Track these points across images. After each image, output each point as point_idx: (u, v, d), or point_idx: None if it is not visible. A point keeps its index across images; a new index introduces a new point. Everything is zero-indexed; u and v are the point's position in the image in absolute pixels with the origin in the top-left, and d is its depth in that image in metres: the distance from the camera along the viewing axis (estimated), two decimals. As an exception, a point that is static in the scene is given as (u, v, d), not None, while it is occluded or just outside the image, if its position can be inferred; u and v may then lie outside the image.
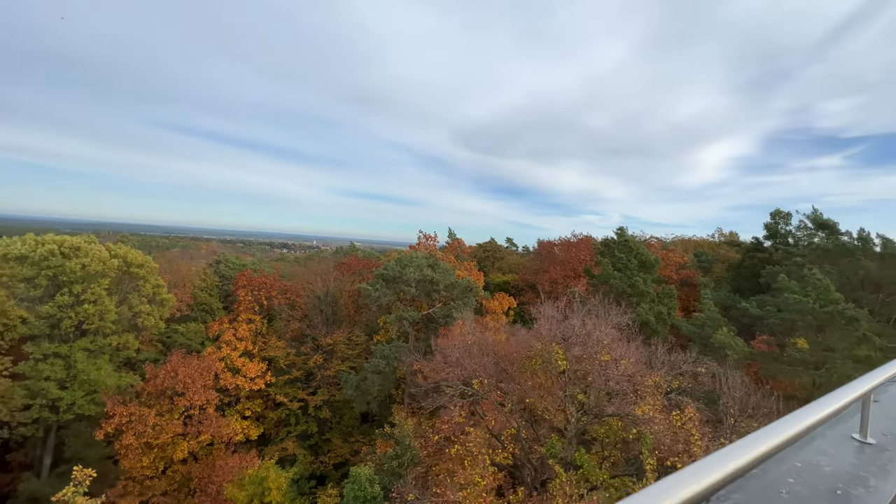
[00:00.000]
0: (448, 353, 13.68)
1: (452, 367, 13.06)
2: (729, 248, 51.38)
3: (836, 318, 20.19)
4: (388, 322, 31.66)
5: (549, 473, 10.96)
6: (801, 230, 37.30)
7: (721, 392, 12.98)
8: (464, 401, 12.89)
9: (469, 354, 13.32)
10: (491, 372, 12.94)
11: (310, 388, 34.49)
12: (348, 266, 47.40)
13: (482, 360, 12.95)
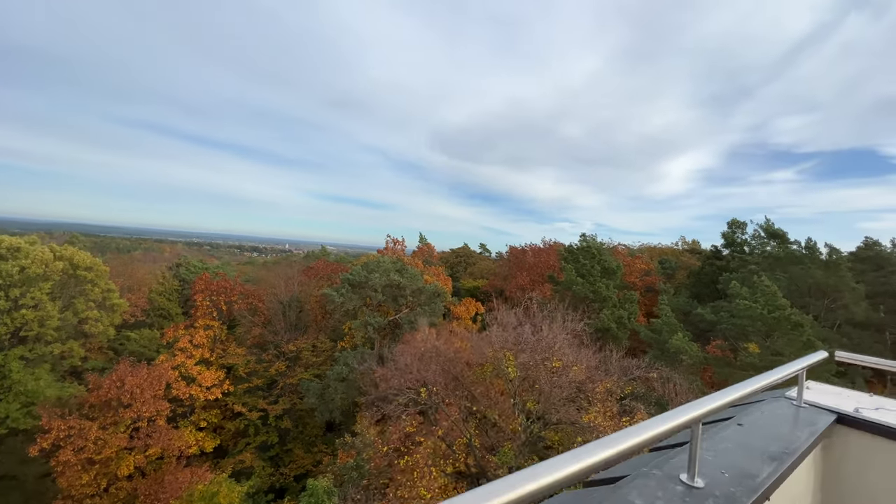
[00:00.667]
0: (399, 359, 13.33)
1: (402, 374, 12.70)
2: (690, 256, 53.25)
3: (782, 324, 21.01)
4: (353, 328, 30.98)
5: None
6: (755, 239, 38.97)
7: (670, 398, 13.17)
8: (414, 409, 12.57)
9: (421, 361, 13.01)
10: (442, 379, 12.67)
11: (271, 396, 33.28)
12: (316, 271, 46.35)
13: (434, 368, 12.66)
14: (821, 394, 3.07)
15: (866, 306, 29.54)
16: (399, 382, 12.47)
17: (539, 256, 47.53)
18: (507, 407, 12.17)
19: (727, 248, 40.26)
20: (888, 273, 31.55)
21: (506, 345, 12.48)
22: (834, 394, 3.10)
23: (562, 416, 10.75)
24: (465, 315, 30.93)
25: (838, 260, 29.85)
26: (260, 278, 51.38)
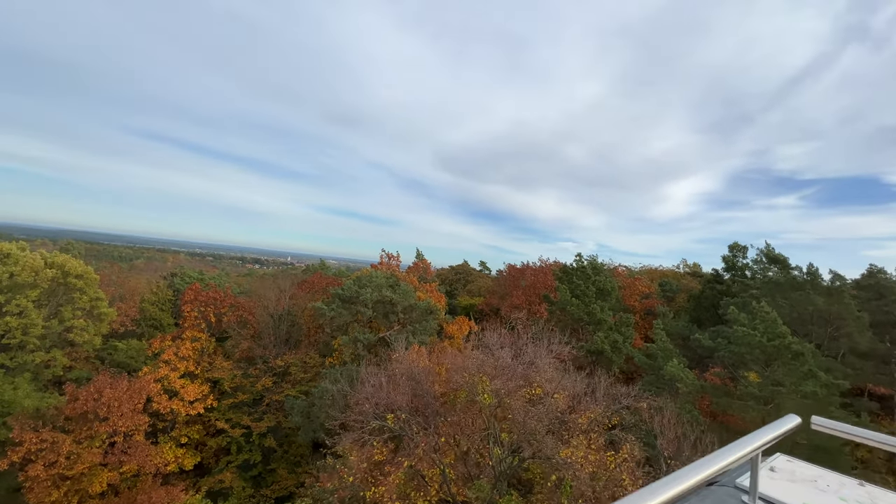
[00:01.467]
0: (367, 382, 12.62)
1: (371, 397, 12.01)
2: (691, 279, 52.42)
3: (782, 353, 20.21)
4: (341, 344, 30.26)
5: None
6: (756, 264, 38.19)
7: (657, 431, 12.42)
8: (381, 437, 11.83)
9: (393, 384, 12.34)
10: (414, 404, 12.00)
11: (256, 413, 32.37)
12: (311, 284, 45.95)
13: (406, 391, 11.99)
14: (787, 481, 2.30)
15: (870, 336, 28.59)
16: (368, 407, 11.78)
17: (537, 276, 46.91)
18: (481, 437, 11.43)
19: (728, 272, 39.47)
20: (890, 302, 30.66)
21: (483, 368, 11.81)
22: (806, 481, 2.32)
23: (537, 450, 10.01)
24: (458, 334, 30.22)
25: (841, 287, 29.06)
26: (254, 290, 50.99)
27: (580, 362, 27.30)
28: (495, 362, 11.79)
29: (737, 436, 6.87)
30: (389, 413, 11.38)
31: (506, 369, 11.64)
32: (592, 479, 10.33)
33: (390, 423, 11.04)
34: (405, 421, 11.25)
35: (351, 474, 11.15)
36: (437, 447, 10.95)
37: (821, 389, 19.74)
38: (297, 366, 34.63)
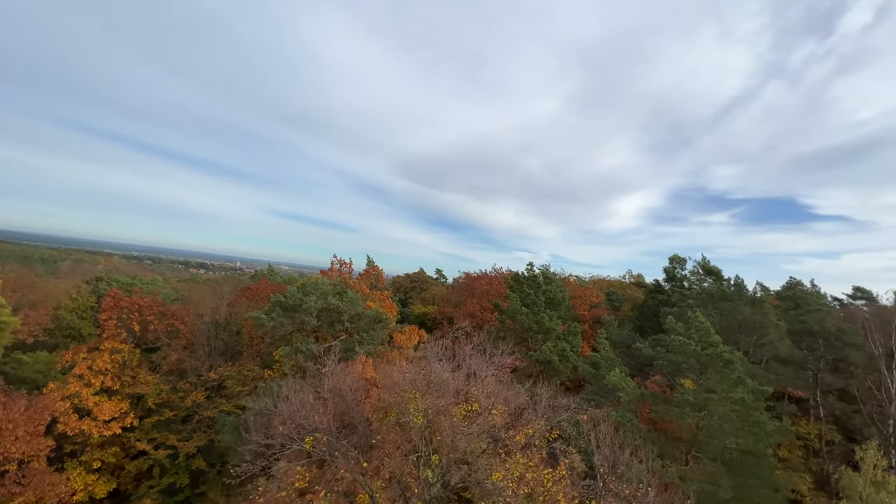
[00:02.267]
0: (295, 398, 11.55)
1: (289, 419, 10.94)
2: (636, 289, 54.87)
3: (715, 361, 21.17)
4: (282, 355, 28.44)
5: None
6: (693, 275, 40.52)
7: (593, 447, 12.35)
8: (300, 461, 10.83)
9: (321, 402, 11.35)
10: (343, 423, 11.12)
11: (184, 431, 29.64)
12: (255, 291, 43.34)
13: (330, 410, 11.06)
14: None
15: (789, 343, 30.90)
16: (284, 429, 10.71)
17: (491, 284, 47.10)
18: (410, 460, 10.73)
19: (668, 282, 41.54)
20: (805, 312, 33.40)
21: (415, 384, 11.13)
22: None
23: (467, 475, 9.45)
24: (407, 343, 29.38)
25: (763, 298, 31.28)
26: (190, 297, 47.34)
27: (529, 371, 27.35)
28: (428, 377, 11.16)
29: (674, 443, 6.51)
30: (310, 435, 10.38)
31: (439, 385, 11.04)
32: (529, 500, 9.95)
33: (307, 447, 10.07)
34: (327, 444, 10.30)
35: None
36: (363, 472, 10.12)
37: (748, 395, 20.82)
38: (234, 378, 32.19)
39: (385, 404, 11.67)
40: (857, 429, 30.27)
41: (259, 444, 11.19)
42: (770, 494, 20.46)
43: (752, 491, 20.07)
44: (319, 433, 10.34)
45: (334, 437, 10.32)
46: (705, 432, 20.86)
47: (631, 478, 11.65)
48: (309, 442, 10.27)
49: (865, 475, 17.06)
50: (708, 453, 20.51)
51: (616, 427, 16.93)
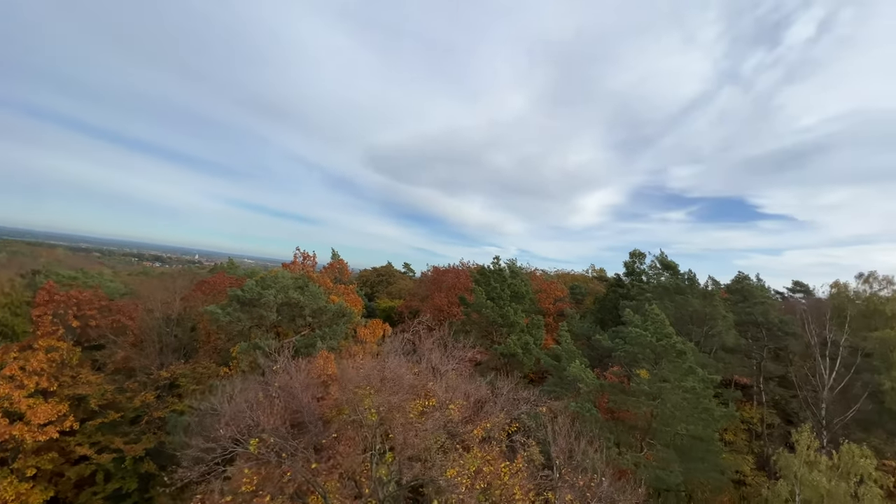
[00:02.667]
0: (242, 398, 10.96)
1: (233, 421, 10.38)
2: (598, 283, 56.57)
3: (668, 351, 22.06)
4: (239, 352, 27.30)
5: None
6: (651, 269, 42.07)
7: (550, 438, 12.54)
8: (253, 463, 10.33)
9: (270, 402, 10.86)
10: (294, 422, 10.68)
11: (132, 433, 28.00)
12: (212, 285, 41.44)
13: (278, 409, 10.60)
14: None
15: (735, 334, 32.74)
16: (226, 431, 10.12)
17: (459, 278, 47.13)
18: (363, 459, 10.48)
19: (628, 276, 42.97)
20: (752, 304, 35.51)
21: (369, 380, 10.84)
22: None
23: (420, 473, 9.32)
24: (371, 338, 28.90)
25: (713, 291, 32.92)
26: (143, 292, 44.64)
27: (493, 364, 27.59)
28: (382, 374, 10.89)
29: (630, 431, 6.52)
30: (257, 437, 9.85)
31: (394, 381, 10.80)
32: (485, 494, 9.94)
33: (253, 450, 9.56)
34: (274, 445, 9.82)
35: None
36: (314, 472, 9.73)
37: (699, 384, 21.83)
38: (188, 377, 30.67)
39: (339, 402, 11.32)
40: (794, 412, 32.57)
41: (198, 448, 10.53)
42: (717, 477, 21.62)
43: (700, 474, 21.14)
44: (266, 434, 9.84)
45: (283, 437, 9.86)
46: (659, 420, 21.73)
47: (587, 468, 11.91)
48: (254, 444, 9.74)
49: (800, 456, 18.30)
50: (661, 440, 21.40)
51: (575, 418, 17.31)
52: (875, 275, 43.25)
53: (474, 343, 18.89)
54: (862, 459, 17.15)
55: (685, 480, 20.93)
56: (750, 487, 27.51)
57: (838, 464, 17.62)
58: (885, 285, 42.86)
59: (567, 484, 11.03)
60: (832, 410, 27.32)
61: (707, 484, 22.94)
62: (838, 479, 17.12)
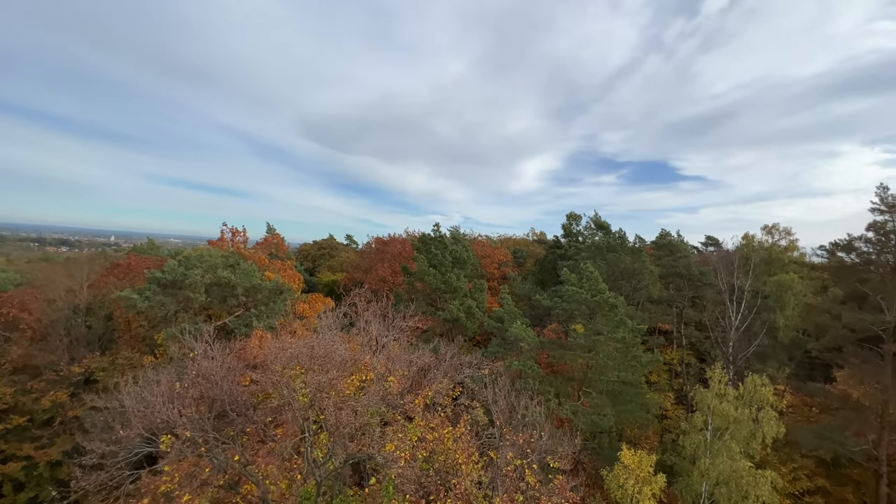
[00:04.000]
0: (149, 390, 9.81)
1: (137, 419, 9.37)
2: (538, 246, 58.58)
3: (602, 306, 23.39)
4: (165, 339, 25.07)
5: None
6: (587, 230, 44.11)
7: (492, 400, 12.85)
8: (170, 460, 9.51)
9: (181, 393, 9.87)
10: (216, 412, 9.89)
11: (44, 437, 25.21)
12: (126, 268, 37.44)
13: (195, 400, 9.74)
14: None
15: (660, 286, 35.57)
16: (131, 432, 9.10)
17: (404, 247, 46.46)
18: (296, 441, 10.06)
19: (566, 238, 44.79)
20: (676, 258, 38.64)
21: (299, 359, 10.24)
22: None
23: (354, 451, 9.08)
24: (311, 313, 27.78)
25: (641, 248, 35.24)
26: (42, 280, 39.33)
27: (438, 330, 27.81)
28: (311, 351, 10.30)
29: (568, 382, 6.44)
30: (168, 433, 8.96)
31: (324, 358, 10.26)
32: (428, 461, 9.97)
33: (164, 448, 8.71)
34: (191, 439, 9.01)
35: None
36: (246, 461, 9.14)
37: (628, 334, 23.48)
38: (108, 370, 27.87)
39: (264, 385, 10.58)
40: (707, 352, 36.50)
41: (95, 452, 9.38)
42: (643, 415, 23.80)
43: (629, 414, 23.13)
44: (182, 428, 8.96)
45: (204, 429, 9.05)
46: (593, 370, 23.24)
47: (528, 424, 12.39)
48: (166, 441, 8.85)
49: (712, 390, 20.55)
50: (595, 388, 22.99)
51: (517, 376, 17.96)
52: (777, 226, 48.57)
53: (417, 311, 18.67)
54: (762, 388, 19.57)
55: (617, 422, 22.83)
56: (671, 420, 30.85)
57: (743, 394, 20.00)
58: (783, 236, 48.46)
59: (508, 442, 11.39)
60: (738, 347, 30.93)
61: (635, 422, 25.24)
62: (743, 407, 19.48)
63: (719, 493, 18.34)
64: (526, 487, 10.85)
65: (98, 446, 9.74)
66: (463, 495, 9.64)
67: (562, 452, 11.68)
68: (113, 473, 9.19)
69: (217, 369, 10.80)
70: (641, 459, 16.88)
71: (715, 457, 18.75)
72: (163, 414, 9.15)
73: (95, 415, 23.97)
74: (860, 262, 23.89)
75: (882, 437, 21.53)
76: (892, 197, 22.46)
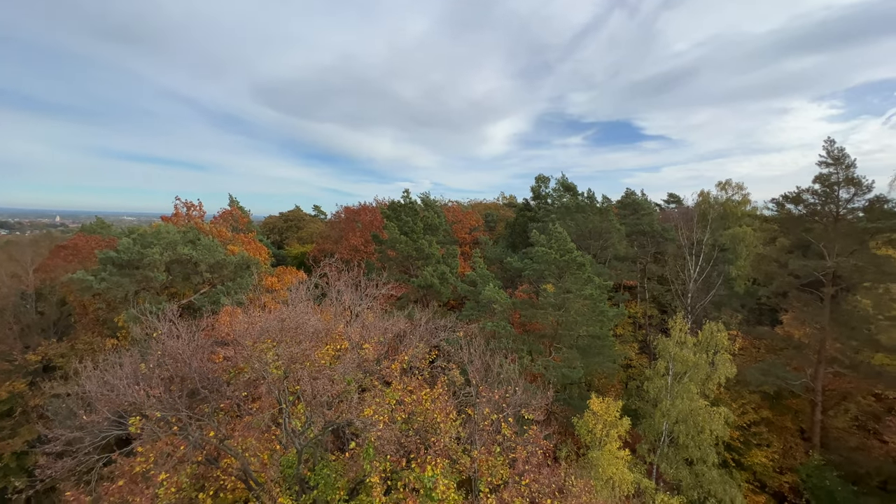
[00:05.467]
0: (113, 373, 9.48)
1: (104, 402, 9.07)
2: (508, 210, 58.96)
3: (570, 265, 24.06)
4: (126, 321, 24.04)
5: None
6: (555, 192, 44.60)
7: (467, 360, 13.22)
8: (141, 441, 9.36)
9: (148, 374, 9.57)
10: (187, 390, 9.70)
11: (5, 429, 24.23)
12: (75, 249, 35.12)
13: (162, 380, 9.47)
14: None
15: (626, 244, 36.86)
16: (96, 416, 8.82)
17: (375, 215, 45.69)
18: (273, 413, 10.11)
19: (535, 200, 45.21)
20: (641, 216, 39.92)
21: (269, 332, 10.09)
22: None
23: (332, 417, 9.21)
24: (280, 286, 27.22)
25: (608, 207, 36.11)
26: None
27: (412, 297, 27.98)
28: (281, 324, 10.15)
29: (540, 339, 6.68)
30: (137, 414, 8.74)
31: (295, 330, 10.15)
32: (407, 423, 10.26)
33: (133, 430, 8.49)
34: (161, 419, 8.82)
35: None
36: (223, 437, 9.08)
37: (596, 291, 24.38)
38: (66, 356, 26.66)
39: (234, 361, 10.40)
40: (668, 304, 38.67)
41: (60, 440, 9.06)
42: (610, 366, 25.23)
43: (597, 366, 24.45)
44: (151, 409, 8.72)
45: (175, 408, 8.85)
46: (563, 326, 24.17)
47: (503, 381, 12.89)
48: (135, 422, 8.62)
49: (673, 338, 21.93)
50: (565, 343, 24.03)
51: (491, 336, 18.47)
52: (731, 182, 50.61)
53: (390, 279, 18.59)
54: (718, 334, 21.03)
55: (586, 373, 24.12)
56: (635, 369, 32.96)
57: (701, 340, 21.45)
58: (737, 191, 50.78)
59: (484, 399, 11.84)
60: (696, 298, 32.89)
61: (603, 372, 26.77)
62: (700, 352, 20.94)
63: (678, 430, 19.99)
64: (502, 439, 11.45)
65: (62, 433, 9.39)
66: (443, 451, 10.05)
67: (535, 405, 12.31)
68: (81, 459, 8.94)
69: (184, 348, 10.46)
70: (608, 405, 18.03)
71: (675, 398, 20.27)
72: (129, 396, 8.85)
73: (58, 402, 23.11)
74: (806, 212, 25.42)
75: (818, 371, 23.83)
76: (837, 150, 23.71)
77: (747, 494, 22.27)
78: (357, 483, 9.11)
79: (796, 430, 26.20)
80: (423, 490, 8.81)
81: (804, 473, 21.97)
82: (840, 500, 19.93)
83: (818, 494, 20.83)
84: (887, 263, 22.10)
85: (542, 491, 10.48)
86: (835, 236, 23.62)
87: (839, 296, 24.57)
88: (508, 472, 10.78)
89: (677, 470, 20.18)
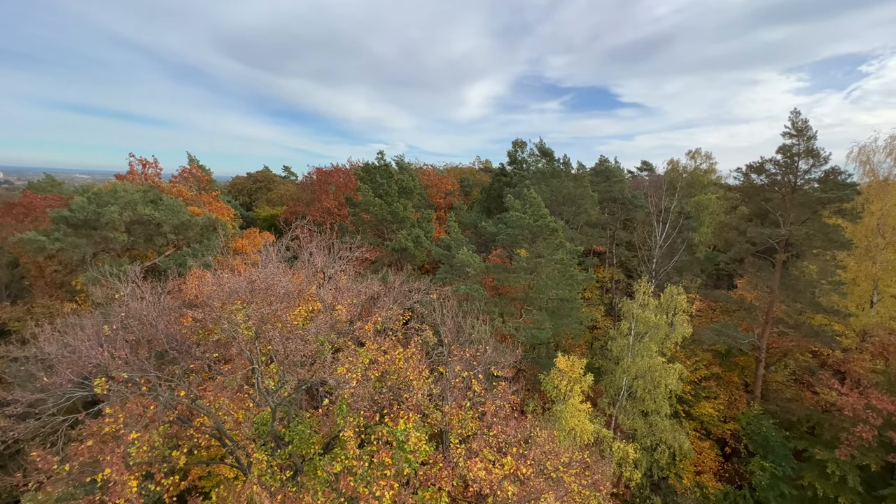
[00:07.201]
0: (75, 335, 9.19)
1: (66, 364, 8.86)
2: (484, 174, 58.65)
3: (543, 230, 24.49)
4: (85, 283, 23.05)
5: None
6: (531, 157, 44.49)
7: (440, 321, 13.53)
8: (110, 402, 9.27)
9: (112, 336, 9.34)
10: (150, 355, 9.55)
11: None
12: (26, 208, 32.92)
13: (126, 342, 9.30)
14: None
15: (598, 210, 37.63)
16: (64, 376, 8.60)
17: (349, 177, 44.53)
18: (246, 373, 10.19)
19: (511, 165, 45.04)
20: (613, 183, 40.60)
21: (239, 294, 9.98)
22: None
23: (304, 377, 9.36)
24: (250, 248, 26.55)
25: (583, 174, 36.47)
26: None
27: (386, 260, 27.97)
28: (251, 286, 10.02)
29: (511, 302, 6.90)
30: (102, 376, 8.59)
31: (266, 291, 10.05)
32: (381, 381, 10.57)
33: (99, 391, 8.38)
34: (129, 380, 8.74)
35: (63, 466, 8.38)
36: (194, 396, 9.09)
37: (566, 256, 25.04)
38: (21, 319, 25.51)
39: (203, 322, 10.28)
40: (634, 269, 40.28)
41: (21, 402, 8.87)
42: (577, 327, 26.39)
43: (565, 328, 25.52)
44: (118, 370, 8.58)
45: (143, 369, 8.73)
46: (534, 290, 24.90)
47: (474, 341, 13.34)
48: (101, 383, 8.48)
49: (637, 300, 23.06)
50: (536, 305, 24.83)
51: (463, 299, 18.88)
52: (699, 151, 51.81)
53: (364, 242, 18.44)
54: (678, 297, 22.21)
55: (554, 334, 25.17)
56: (600, 330, 34.62)
57: (663, 303, 22.62)
58: (705, 160, 52.14)
59: (456, 358, 12.25)
60: (660, 263, 34.36)
61: (570, 333, 28.00)
62: (661, 314, 22.14)
63: (637, 385, 21.43)
64: (473, 395, 12.00)
65: (23, 395, 9.16)
66: (415, 406, 10.47)
67: (504, 363, 12.88)
68: (45, 420, 8.79)
69: (150, 309, 10.19)
70: (573, 363, 19.04)
71: (636, 356, 21.57)
72: (92, 358, 8.64)
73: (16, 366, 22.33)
74: (767, 182, 26.52)
75: (765, 331, 25.77)
76: (801, 122, 24.51)
77: (694, 441, 24.42)
78: (331, 438, 9.43)
79: (741, 384, 28.58)
80: (395, 443, 9.23)
81: (744, 422, 24.21)
82: (773, 443, 22.20)
83: (755, 439, 23.10)
84: (835, 232, 23.58)
85: (508, 441, 11.18)
86: (791, 206, 24.87)
87: (789, 262, 26.19)
88: (478, 425, 11.41)
89: (633, 420, 21.83)
